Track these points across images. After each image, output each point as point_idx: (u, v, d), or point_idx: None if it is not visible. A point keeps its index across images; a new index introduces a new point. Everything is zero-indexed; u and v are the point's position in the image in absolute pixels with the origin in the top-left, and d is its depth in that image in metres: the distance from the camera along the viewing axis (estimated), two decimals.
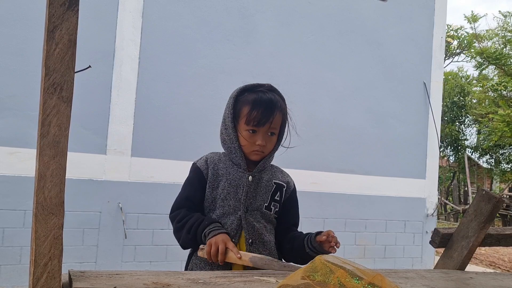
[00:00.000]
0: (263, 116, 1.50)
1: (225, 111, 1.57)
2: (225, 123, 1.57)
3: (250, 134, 1.52)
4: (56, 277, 0.86)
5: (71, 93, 0.87)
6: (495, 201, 1.69)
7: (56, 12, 0.84)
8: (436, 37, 5.81)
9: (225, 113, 1.57)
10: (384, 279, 0.97)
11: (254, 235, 1.54)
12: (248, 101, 1.52)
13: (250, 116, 1.50)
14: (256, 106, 1.50)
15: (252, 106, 1.50)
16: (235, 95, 1.56)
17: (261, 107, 1.50)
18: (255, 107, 1.50)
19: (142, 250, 4.27)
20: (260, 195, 1.58)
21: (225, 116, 1.57)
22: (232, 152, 1.57)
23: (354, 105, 5.23)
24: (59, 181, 0.86)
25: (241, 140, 1.54)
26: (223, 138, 1.60)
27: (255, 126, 1.51)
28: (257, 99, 1.52)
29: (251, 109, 1.50)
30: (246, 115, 1.50)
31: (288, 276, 0.98)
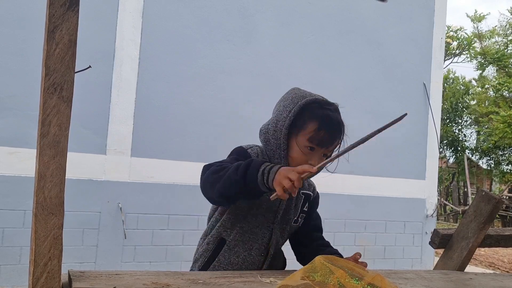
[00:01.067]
0: (330, 138, 1.39)
1: (282, 113, 1.41)
2: (277, 125, 1.41)
3: (308, 151, 1.39)
4: (55, 277, 0.86)
5: (71, 93, 0.87)
6: (494, 202, 1.69)
7: (57, 12, 0.84)
8: (436, 38, 5.82)
9: (280, 114, 1.41)
10: (383, 279, 0.97)
11: (276, 250, 1.50)
12: (317, 117, 1.38)
13: (316, 134, 1.37)
14: (326, 125, 1.38)
15: (321, 123, 1.37)
16: (302, 104, 1.39)
17: (331, 128, 1.39)
18: (324, 127, 1.37)
19: (142, 250, 4.27)
20: (291, 208, 1.51)
21: (279, 118, 1.41)
22: (275, 157, 1.44)
23: (354, 105, 5.23)
24: (59, 181, 0.86)
25: (294, 153, 1.40)
26: (267, 138, 1.46)
27: (317, 145, 1.39)
28: (328, 118, 1.39)
29: (320, 127, 1.37)
30: (313, 131, 1.37)
31: (288, 276, 0.98)
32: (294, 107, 1.39)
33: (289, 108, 1.40)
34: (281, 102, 1.46)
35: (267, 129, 1.47)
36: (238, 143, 5.47)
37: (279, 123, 1.41)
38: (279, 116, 1.42)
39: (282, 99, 1.47)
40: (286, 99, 1.44)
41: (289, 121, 1.38)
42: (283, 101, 1.45)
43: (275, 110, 1.47)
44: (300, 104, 1.39)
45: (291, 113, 1.38)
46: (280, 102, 1.47)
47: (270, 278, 1.22)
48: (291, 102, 1.41)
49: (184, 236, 4.42)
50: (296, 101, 1.40)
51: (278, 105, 1.47)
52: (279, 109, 1.44)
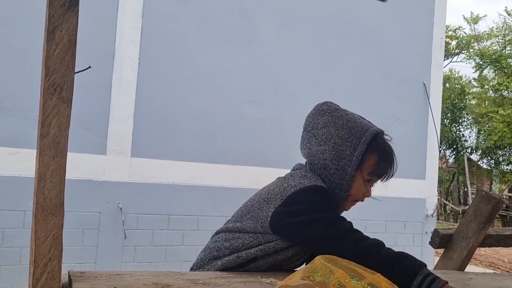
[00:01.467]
0: (389, 169, 1.38)
1: (344, 149, 1.32)
2: (339, 163, 1.32)
3: (365, 184, 1.35)
4: (55, 277, 0.86)
5: (71, 93, 0.87)
6: (494, 201, 1.69)
7: (56, 12, 0.84)
8: (436, 38, 5.81)
9: (343, 151, 1.32)
10: (383, 279, 0.97)
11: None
12: (378, 149, 1.35)
13: (377, 167, 1.34)
14: (385, 157, 1.36)
15: (381, 156, 1.35)
16: (368, 140, 1.32)
17: (390, 159, 1.37)
18: (384, 159, 1.36)
19: (142, 251, 4.27)
20: None
21: (342, 156, 1.32)
22: (335, 196, 1.35)
23: (354, 106, 5.21)
24: (59, 182, 0.86)
25: (355, 187, 1.34)
26: (325, 174, 1.34)
27: (376, 177, 1.36)
28: (387, 149, 1.37)
29: (380, 159, 1.35)
30: (374, 165, 1.34)
31: (288, 276, 0.98)
32: (359, 144, 1.31)
33: (353, 144, 1.32)
34: (332, 128, 1.35)
35: (325, 164, 1.33)
36: (238, 143, 5.48)
37: (342, 162, 1.32)
38: (341, 153, 1.32)
39: (332, 124, 1.36)
40: (342, 127, 1.34)
41: (356, 161, 1.31)
42: (337, 128, 1.34)
43: (325, 138, 1.35)
44: (366, 140, 1.32)
45: (357, 152, 1.31)
46: (330, 128, 1.35)
47: (270, 278, 1.22)
48: (353, 135, 1.32)
49: (184, 236, 4.42)
50: (359, 135, 1.32)
51: (329, 132, 1.35)
52: (337, 141, 1.33)
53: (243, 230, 1.32)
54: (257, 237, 1.29)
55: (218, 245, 1.35)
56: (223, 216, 4.50)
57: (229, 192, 4.60)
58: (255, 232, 1.29)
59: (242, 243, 1.30)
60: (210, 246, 1.39)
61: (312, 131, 1.40)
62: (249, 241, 1.30)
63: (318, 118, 1.40)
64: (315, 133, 1.38)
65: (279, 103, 4.90)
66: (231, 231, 1.35)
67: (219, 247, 1.34)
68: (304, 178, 1.31)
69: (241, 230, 1.32)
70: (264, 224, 1.27)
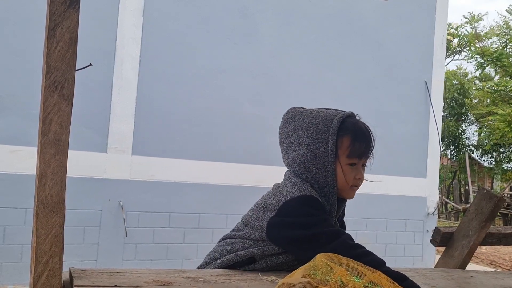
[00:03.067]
0: (367, 147, 1.35)
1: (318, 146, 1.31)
2: (318, 161, 1.31)
3: (350, 168, 1.33)
4: (57, 275, 0.86)
5: (72, 91, 0.87)
6: (496, 200, 1.69)
7: (57, 10, 0.84)
8: (437, 36, 5.80)
9: (317, 149, 1.31)
10: (384, 277, 0.97)
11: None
12: (348, 130, 1.33)
13: (353, 148, 1.32)
14: (358, 136, 1.33)
15: (354, 136, 1.32)
16: (336, 129, 1.31)
17: (363, 136, 1.35)
18: (358, 137, 1.33)
19: (143, 248, 4.28)
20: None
21: (318, 153, 1.31)
22: (326, 194, 1.34)
23: (355, 104, 5.22)
24: (60, 179, 0.86)
25: (340, 177, 1.33)
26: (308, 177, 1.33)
27: (357, 159, 1.34)
28: (358, 128, 1.35)
29: (354, 139, 1.32)
30: (349, 147, 1.31)
31: (289, 274, 0.98)
32: (329, 136, 1.31)
33: (324, 138, 1.31)
34: (301, 131, 1.35)
35: (305, 167, 1.33)
36: (239, 141, 5.48)
37: (320, 159, 1.31)
38: (316, 151, 1.31)
39: (300, 128, 1.36)
40: (308, 127, 1.34)
41: (332, 155, 1.30)
42: (304, 130, 1.34)
43: (297, 143, 1.35)
44: (334, 130, 1.31)
45: (329, 146, 1.30)
46: (299, 132, 1.35)
47: (271, 276, 1.22)
48: (321, 130, 1.32)
49: (185, 234, 4.43)
50: (326, 129, 1.32)
51: (299, 136, 1.35)
52: (309, 142, 1.32)
53: (243, 237, 1.33)
54: (256, 244, 1.30)
55: (221, 249, 1.38)
56: (224, 214, 4.51)
57: (230, 190, 4.60)
58: (253, 239, 1.31)
59: (242, 246, 1.32)
60: (215, 249, 1.41)
61: (285, 142, 1.41)
62: (249, 244, 1.31)
63: (286, 127, 1.42)
64: (288, 142, 1.39)
65: (280, 102, 4.90)
66: (234, 238, 1.37)
67: (221, 251, 1.37)
68: (295, 186, 1.31)
69: (242, 237, 1.34)
70: (262, 234, 1.28)
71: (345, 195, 1.39)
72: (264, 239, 1.28)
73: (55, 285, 0.86)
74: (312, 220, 1.24)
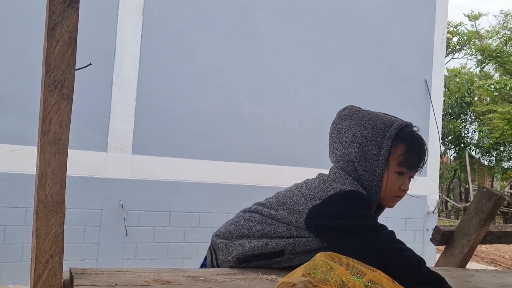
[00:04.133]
0: (419, 160, 1.33)
1: (370, 149, 1.29)
2: (367, 163, 1.29)
3: (398, 177, 1.31)
4: (57, 274, 0.86)
5: (72, 90, 0.87)
6: (496, 198, 1.69)
7: (57, 9, 0.84)
8: (437, 35, 5.80)
9: (368, 151, 1.29)
10: (384, 276, 0.97)
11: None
12: (404, 139, 1.30)
13: (406, 157, 1.29)
14: (414, 147, 1.32)
15: (408, 145, 1.30)
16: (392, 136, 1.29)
17: (419, 149, 1.33)
18: (413, 148, 1.31)
19: (143, 248, 4.28)
20: None
21: (368, 156, 1.29)
22: (371, 195, 1.31)
23: (355, 103, 5.20)
24: (60, 179, 0.86)
25: (385, 184, 1.30)
26: (356, 176, 1.31)
27: (407, 169, 1.31)
28: (414, 139, 1.33)
29: (408, 149, 1.30)
30: (402, 155, 1.29)
31: (289, 273, 0.98)
32: (384, 141, 1.28)
33: (378, 142, 1.29)
34: (355, 130, 1.33)
35: (354, 167, 1.31)
36: (239, 140, 5.47)
37: (370, 162, 1.29)
38: (367, 153, 1.29)
39: (355, 126, 1.33)
40: (364, 128, 1.31)
41: (383, 160, 1.28)
42: (360, 129, 1.32)
43: (349, 140, 1.32)
44: (390, 136, 1.29)
45: (382, 150, 1.28)
46: (353, 130, 1.33)
47: (271, 275, 1.22)
48: (377, 133, 1.30)
49: (185, 233, 4.43)
50: (382, 133, 1.29)
51: (353, 134, 1.32)
52: (362, 142, 1.30)
53: (277, 219, 1.30)
54: (290, 228, 1.27)
55: (250, 224, 1.33)
56: (224, 213, 4.51)
57: (230, 189, 4.60)
58: (287, 223, 1.28)
59: (274, 230, 1.29)
60: (242, 222, 1.36)
61: (336, 137, 1.38)
62: (282, 230, 1.28)
63: (341, 123, 1.38)
64: (340, 138, 1.36)
65: (280, 101, 4.90)
66: (265, 215, 1.33)
67: (250, 227, 1.33)
68: (345, 182, 1.28)
69: (275, 218, 1.30)
70: (299, 219, 1.25)
71: (386, 203, 1.37)
72: (299, 225, 1.25)
73: (55, 285, 0.86)
74: (356, 212, 1.23)
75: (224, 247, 1.33)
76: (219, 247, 1.34)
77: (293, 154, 4.91)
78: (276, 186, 5.41)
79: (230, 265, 1.30)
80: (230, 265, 1.31)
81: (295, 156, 4.91)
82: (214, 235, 1.40)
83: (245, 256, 1.29)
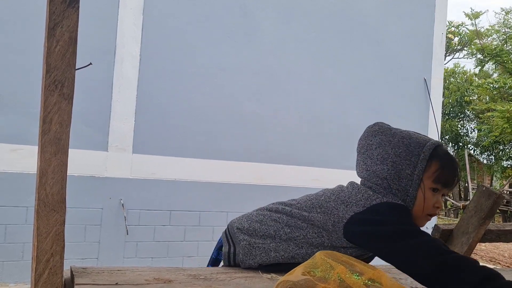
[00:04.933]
0: (453, 177, 1.31)
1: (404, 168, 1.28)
2: (401, 178, 1.27)
3: (433, 194, 1.29)
4: (58, 273, 0.86)
5: (72, 90, 0.87)
6: (495, 197, 1.70)
7: (57, 9, 0.84)
8: (437, 34, 5.80)
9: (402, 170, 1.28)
10: (383, 275, 0.98)
11: None
12: (439, 156, 1.29)
13: (441, 173, 1.27)
14: (448, 164, 1.30)
15: (443, 162, 1.29)
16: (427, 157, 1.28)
17: (453, 166, 1.31)
18: (447, 165, 1.30)
19: (144, 246, 4.29)
20: None
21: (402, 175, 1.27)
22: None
23: (355, 102, 5.23)
24: (60, 178, 0.86)
25: (419, 203, 1.29)
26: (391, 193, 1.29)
27: (442, 186, 1.29)
28: (449, 158, 1.32)
29: (443, 166, 1.28)
30: (437, 171, 1.27)
31: (289, 272, 0.99)
32: (418, 161, 1.27)
33: (412, 162, 1.28)
34: (388, 147, 1.31)
35: (388, 184, 1.29)
36: (239, 139, 5.46)
37: (403, 182, 1.28)
38: (401, 172, 1.28)
39: (387, 143, 1.31)
40: (398, 146, 1.30)
41: (418, 181, 1.27)
42: (392, 147, 1.30)
43: (381, 157, 1.31)
44: (425, 156, 1.28)
45: (417, 170, 1.27)
46: (385, 148, 1.31)
47: (271, 273, 1.23)
48: (411, 153, 1.28)
49: (185, 232, 4.44)
50: (417, 152, 1.28)
51: (385, 151, 1.30)
52: (395, 160, 1.28)
53: (309, 221, 1.27)
54: (321, 234, 1.25)
55: (277, 226, 1.30)
56: (225, 212, 4.52)
57: (230, 188, 4.61)
58: (321, 228, 1.25)
59: (304, 236, 1.26)
60: (268, 222, 1.32)
61: (366, 153, 1.35)
62: (312, 236, 1.25)
63: (371, 139, 1.36)
64: (370, 154, 1.33)
65: (280, 100, 4.91)
66: (295, 217, 1.29)
67: (278, 228, 1.29)
68: (388, 195, 1.27)
69: (306, 220, 1.27)
70: (337, 224, 1.22)
71: (418, 222, 1.33)
72: (335, 230, 1.22)
73: (56, 283, 0.86)
74: (406, 222, 1.20)
75: (247, 247, 1.30)
76: (241, 245, 1.31)
77: (293, 153, 4.91)
78: (276, 185, 5.41)
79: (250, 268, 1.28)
80: (250, 268, 1.28)
81: (295, 155, 4.91)
82: (235, 227, 1.36)
83: (268, 264, 1.27)
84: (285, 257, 1.25)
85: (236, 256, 1.32)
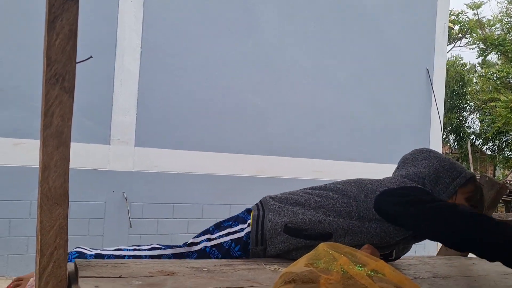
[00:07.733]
0: (481, 204, 1.45)
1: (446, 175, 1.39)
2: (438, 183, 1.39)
3: None
4: (62, 266, 0.87)
5: (73, 83, 0.87)
6: (498, 187, 1.69)
7: (56, 2, 0.84)
8: (439, 23, 5.76)
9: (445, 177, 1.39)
10: (387, 266, 0.98)
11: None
12: (475, 184, 1.43)
13: (474, 195, 1.41)
14: (481, 192, 1.45)
15: (479, 191, 1.44)
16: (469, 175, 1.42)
17: (482, 196, 1.46)
18: (480, 193, 1.44)
19: (147, 239, 4.30)
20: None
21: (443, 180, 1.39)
22: None
23: (356, 94, 5.21)
24: (63, 172, 0.86)
25: None
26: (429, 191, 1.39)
27: (471, 206, 1.40)
28: (481, 190, 1.47)
29: (476, 192, 1.42)
30: (472, 192, 1.40)
31: (292, 264, 0.99)
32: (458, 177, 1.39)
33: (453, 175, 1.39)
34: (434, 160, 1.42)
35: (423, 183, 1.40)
36: (241, 132, 5.47)
37: (438, 187, 1.39)
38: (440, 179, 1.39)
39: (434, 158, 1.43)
40: (444, 160, 1.43)
41: (453, 191, 1.38)
42: (439, 160, 1.42)
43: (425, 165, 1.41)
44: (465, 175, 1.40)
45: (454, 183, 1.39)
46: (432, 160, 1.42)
47: (274, 265, 1.23)
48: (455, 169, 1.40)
49: (188, 224, 4.45)
50: (459, 170, 1.41)
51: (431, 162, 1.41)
52: (438, 169, 1.40)
53: (341, 192, 1.35)
54: (350, 204, 1.32)
55: (308, 196, 1.37)
56: (227, 204, 4.53)
57: (233, 180, 4.62)
58: (352, 198, 1.32)
59: (333, 205, 1.33)
60: (300, 193, 1.40)
61: (411, 163, 1.46)
62: (341, 205, 1.32)
63: (418, 154, 1.47)
64: (415, 163, 1.45)
65: (282, 92, 4.89)
66: (328, 189, 1.38)
67: (308, 198, 1.36)
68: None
69: (339, 191, 1.36)
70: (370, 195, 1.30)
71: None
72: (366, 200, 1.30)
73: (60, 276, 0.87)
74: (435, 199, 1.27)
75: (277, 209, 1.35)
76: (271, 208, 1.36)
77: (295, 145, 4.91)
78: (278, 177, 5.43)
79: (276, 229, 1.31)
80: (275, 228, 1.31)
81: (297, 147, 4.91)
82: (268, 197, 1.43)
83: (295, 227, 1.31)
84: (312, 221, 1.31)
85: (265, 217, 1.35)
